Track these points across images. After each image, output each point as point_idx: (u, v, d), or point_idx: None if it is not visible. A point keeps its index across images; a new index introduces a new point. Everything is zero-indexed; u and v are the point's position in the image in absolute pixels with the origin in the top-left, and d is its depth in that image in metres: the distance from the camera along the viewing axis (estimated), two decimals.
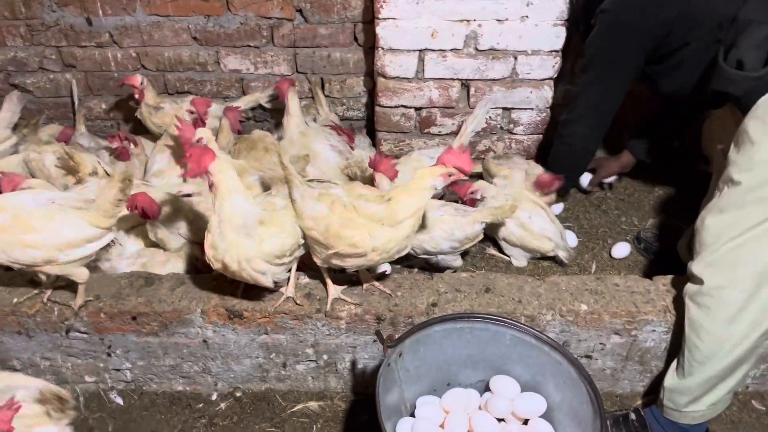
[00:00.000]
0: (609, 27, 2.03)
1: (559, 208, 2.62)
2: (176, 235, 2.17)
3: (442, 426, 1.65)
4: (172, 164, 2.49)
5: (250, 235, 1.59)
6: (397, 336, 1.62)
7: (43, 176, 2.33)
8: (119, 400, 2.05)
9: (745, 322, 1.67)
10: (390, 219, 1.62)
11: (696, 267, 1.74)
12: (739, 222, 1.65)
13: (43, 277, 1.83)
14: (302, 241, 1.73)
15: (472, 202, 2.38)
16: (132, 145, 2.54)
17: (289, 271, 1.87)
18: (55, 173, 2.32)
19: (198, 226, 2.14)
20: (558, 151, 2.39)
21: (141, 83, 2.57)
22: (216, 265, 1.64)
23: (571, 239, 2.45)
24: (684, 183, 2.77)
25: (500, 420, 1.68)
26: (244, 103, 2.74)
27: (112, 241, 2.04)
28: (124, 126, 2.98)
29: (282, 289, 1.88)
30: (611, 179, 2.67)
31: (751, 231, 1.63)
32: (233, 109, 2.63)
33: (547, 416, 1.67)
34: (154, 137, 2.70)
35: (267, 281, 1.68)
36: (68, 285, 1.91)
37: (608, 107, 2.16)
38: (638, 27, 1.98)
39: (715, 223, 1.70)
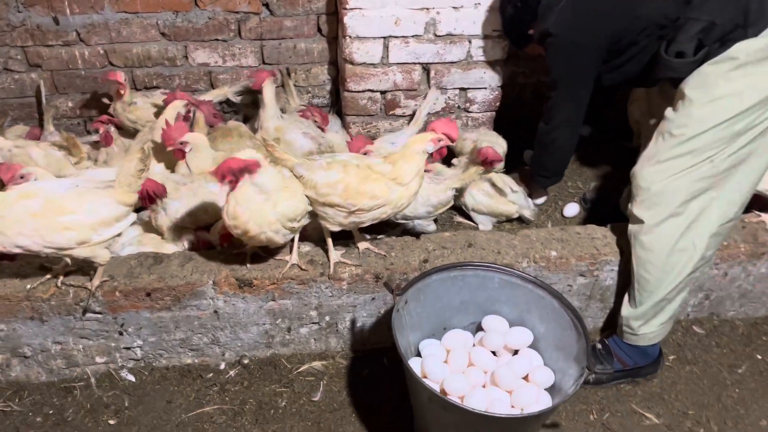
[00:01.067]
0: (562, 49, 2.20)
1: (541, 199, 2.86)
2: (175, 222, 2.28)
3: (445, 362, 1.88)
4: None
5: (269, 200, 1.75)
6: (401, 285, 1.83)
7: None
8: (131, 378, 2.15)
9: (683, 251, 1.98)
10: (399, 179, 1.83)
11: (636, 209, 2.02)
12: (671, 168, 1.93)
13: (67, 260, 1.91)
14: (309, 208, 1.90)
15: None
16: (113, 127, 2.61)
17: (292, 240, 2.04)
18: (43, 164, 2.36)
19: (198, 211, 2.26)
20: (543, 156, 2.56)
21: (124, 79, 2.64)
22: (236, 231, 1.79)
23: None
24: (614, 155, 3.12)
25: (494, 353, 1.93)
26: (212, 97, 2.85)
27: None
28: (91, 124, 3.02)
29: (286, 258, 2.05)
30: None
31: (680, 173, 1.92)
32: (207, 103, 2.75)
33: (533, 346, 1.93)
34: (127, 133, 2.77)
35: (281, 239, 1.86)
36: (79, 269, 2.00)
37: (580, 113, 2.36)
38: (591, 45, 2.13)
39: (651, 170, 1.98)
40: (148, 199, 2.10)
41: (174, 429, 2.01)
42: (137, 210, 2.30)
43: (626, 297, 2.15)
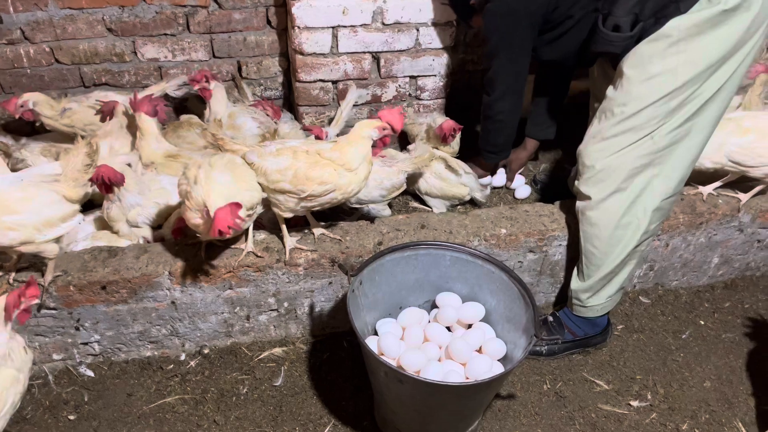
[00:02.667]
0: (498, 16, 2.22)
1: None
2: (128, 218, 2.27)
3: (402, 339, 1.93)
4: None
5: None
6: (356, 267, 1.87)
7: None
8: (90, 373, 2.14)
9: (627, 226, 2.06)
10: (347, 165, 1.86)
11: (582, 186, 2.10)
12: (614, 145, 1.99)
13: (14, 256, 1.90)
14: (264, 196, 1.93)
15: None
16: None
17: (247, 229, 2.06)
18: None
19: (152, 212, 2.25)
20: (490, 130, 2.57)
21: (22, 105, 2.52)
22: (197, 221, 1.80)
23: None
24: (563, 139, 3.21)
25: (448, 328, 1.99)
26: (151, 92, 2.77)
27: None
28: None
29: (242, 246, 2.07)
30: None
31: (622, 150, 2.00)
32: (157, 100, 2.72)
33: (486, 320, 1.99)
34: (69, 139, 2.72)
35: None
36: (32, 265, 1.99)
37: (522, 81, 2.39)
38: (528, 11, 2.18)
39: (594, 147, 2.04)
40: (105, 187, 2.07)
41: (135, 421, 2.01)
42: (87, 207, 2.31)
43: (575, 271, 2.24)
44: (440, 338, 1.92)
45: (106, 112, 2.53)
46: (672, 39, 1.87)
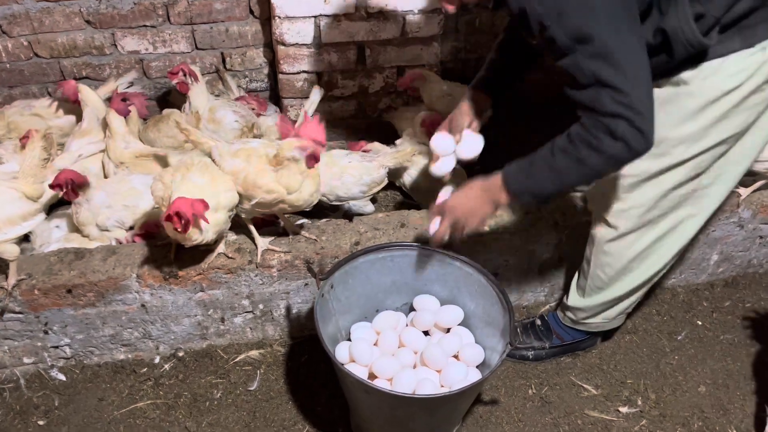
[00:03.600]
0: None
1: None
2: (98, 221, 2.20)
3: (375, 344, 1.85)
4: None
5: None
6: (327, 270, 1.79)
7: None
8: (61, 377, 2.09)
9: (644, 259, 1.88)
10: (289, 188, 1.78)
11: (609, 216, 1.83)
12: (656, 184, 1.72)
13: None
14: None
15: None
16: None
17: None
18: None
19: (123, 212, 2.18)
20: (562, 171, 1.54)
21: None
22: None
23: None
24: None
25: (426, 333, 1.90)
26: (102, 93, 2.67)
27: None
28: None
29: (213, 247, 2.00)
30: None
31: (664, 189, 1.73)
32: (138, 96, 2.66)
33: (464, 323, 1.91)
34: None
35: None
36: None
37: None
38: None
39: (633, 182, 1.74)
40: (70, 191, 2.01)
41: (105, 427, 1.97)
42: (56, 205, 2.25)
43: (573, 283, 2.07)
44: (416, 344, 1.83)
45: (71, 97, 2.45)
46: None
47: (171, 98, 2.95)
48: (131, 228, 2.17)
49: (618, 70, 1.35)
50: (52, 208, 2.26)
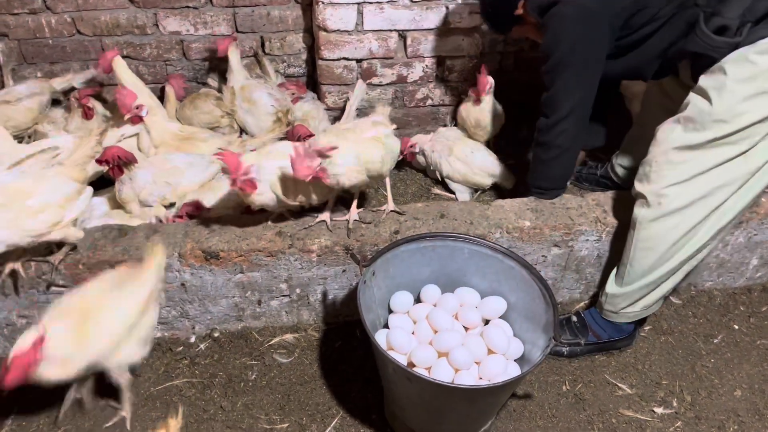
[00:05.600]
0: (577, 21, 1.89)
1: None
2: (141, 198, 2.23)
3: (413, 333, 1.85)
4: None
5: None
6: (369, 256, 1.79)
7: None
8: None
9: (687, 242, 1.88)
10: None
11: (652, 196, 1.85)
12: (701, 161, 1.78)
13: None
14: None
15: (412, 156, 2.61)
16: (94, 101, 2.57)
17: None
18: None
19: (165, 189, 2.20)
20: (544, 160, 2.15)
21: None
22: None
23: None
24: None
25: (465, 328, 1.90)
26: (57, 84, 2.71)
27: None
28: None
29: (318, 215, 2.06)
30: None
31: (709, 167, 1.77)
32: (176, 77, 2.69)
33: (504, 317, 1.90)
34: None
35: None
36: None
37: (589, 102, 2.04)
38: (611, 12, 1.88)
39: (678, 157, 1.80)
40: (116, 168, 2.03)
41: (142, 402, 1.99)
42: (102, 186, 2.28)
43: (613, 273, 2.07)
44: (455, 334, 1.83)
45: (105, 68, 2.46)
46: None
47: (208, 81, 2.96)
48: (172, 205, 2.19)
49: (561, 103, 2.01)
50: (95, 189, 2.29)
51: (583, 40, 1.90)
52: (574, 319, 2.19)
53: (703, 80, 1.78)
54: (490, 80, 2.51)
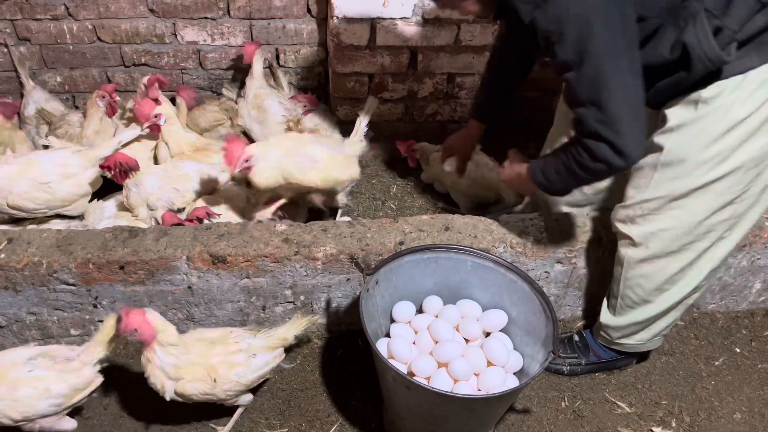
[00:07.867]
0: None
1: None
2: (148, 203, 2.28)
3: (413, 343, 1.87)
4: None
5: None
6: (373, 265, 1.82)
7: None
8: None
9: (677, 282, 1.85)
10: None
11: (638, 237, 1.81)
12: (687, 209, 1.71)
13: None
14: None
15: (414, 161, 2.65)
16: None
17: None
18: None
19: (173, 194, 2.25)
20: (576, 183, 1.71)
21: None
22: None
23: None
24: None
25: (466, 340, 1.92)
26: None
27: None
28: (80, 99, 3.03)
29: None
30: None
31: (696, 216, 1.71)
32: (186, 88, 2.76)
33: (505, 330, 1.92)
34: None
35: None
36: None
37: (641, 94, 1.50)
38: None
39: (660, 203, 1.73)
40: (119, 174, 2.08)
41: (146, 403, 2.01)
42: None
43: (605, 302, 2.05)
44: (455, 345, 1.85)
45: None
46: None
47: (224, 89, 3.02)
48: (180, 210, 2.23)
49: (607, 91, 1.43)
50: (105, 192, 2.35)
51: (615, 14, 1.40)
52: (576, 338, 2.20)
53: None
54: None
